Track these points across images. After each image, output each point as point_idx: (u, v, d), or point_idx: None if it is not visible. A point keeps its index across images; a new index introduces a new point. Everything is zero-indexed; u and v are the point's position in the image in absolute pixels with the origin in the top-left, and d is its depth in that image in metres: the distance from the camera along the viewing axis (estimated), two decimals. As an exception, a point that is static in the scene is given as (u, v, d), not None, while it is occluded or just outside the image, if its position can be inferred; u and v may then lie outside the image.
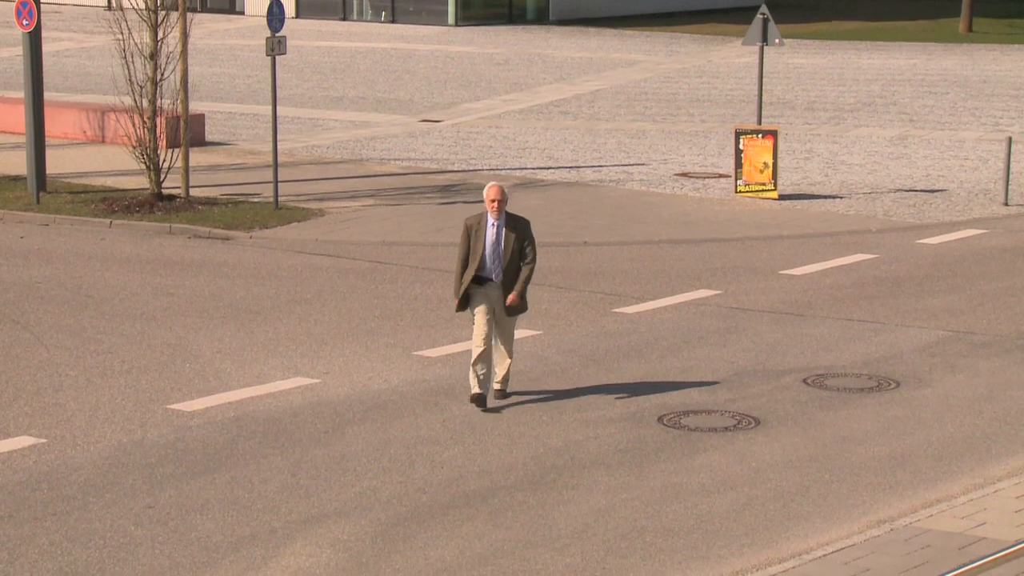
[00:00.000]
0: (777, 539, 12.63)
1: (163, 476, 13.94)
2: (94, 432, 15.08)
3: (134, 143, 25.72)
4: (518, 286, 15.50)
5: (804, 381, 16.71)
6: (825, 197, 26.76)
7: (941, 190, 27.47)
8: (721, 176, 28.44)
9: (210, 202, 25.84)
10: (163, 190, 25.74)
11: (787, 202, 26.34)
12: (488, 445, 14.71)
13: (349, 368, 17.15)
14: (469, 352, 18.06)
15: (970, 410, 15.82)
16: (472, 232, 15.57)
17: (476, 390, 15.55)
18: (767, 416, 15.58)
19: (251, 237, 23.82)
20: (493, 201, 15.55)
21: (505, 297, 15.50)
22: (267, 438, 14.92)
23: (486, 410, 15.55)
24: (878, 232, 24.28)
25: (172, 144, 26.17)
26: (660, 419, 15.47)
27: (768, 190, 26.55)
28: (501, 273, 15.49)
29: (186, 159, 25.87)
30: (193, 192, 26.06)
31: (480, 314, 15.55)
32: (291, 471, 14.06)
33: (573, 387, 16.49)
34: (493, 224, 15.56)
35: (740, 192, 26.73)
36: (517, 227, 15.67)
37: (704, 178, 28.48)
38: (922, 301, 20.06)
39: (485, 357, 15.53)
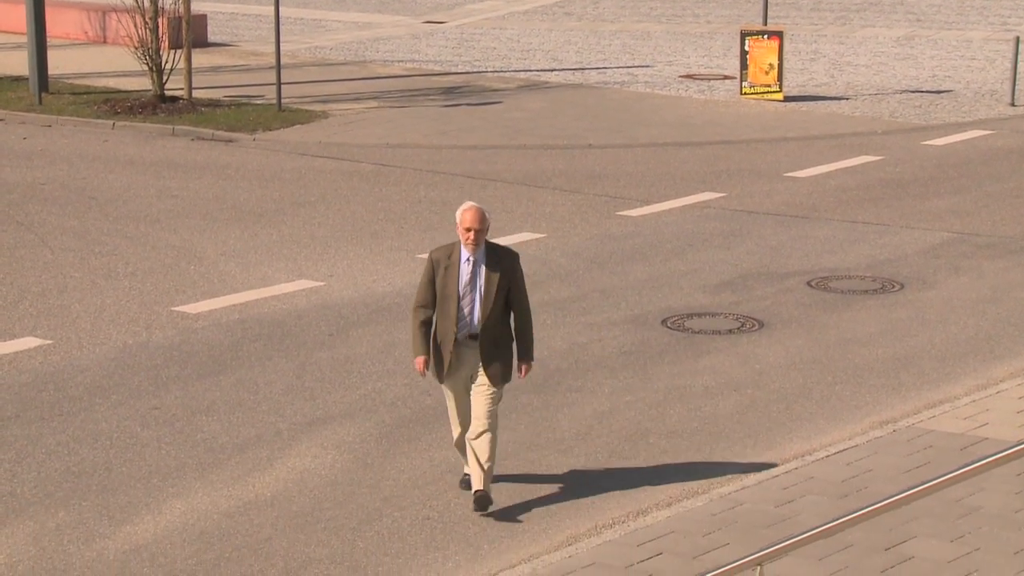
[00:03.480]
0: (780, 440, 12.68)
1: (168, 378, 14.00)
2: (99, 334, 15.12)
3: (136, 44, 25.57)
4: (526, 353, 11.35)
5: (808, 283, 16.71)
6: (830, 99, 26.63)
7: (947, 91, 27.34)
8: (726, 78, 28.29)
9: (213, 104, 25.73)
10: (166, 91, 25.63)
11: (792, 104, 26.21)
12: (492, 347, 14.73)
13: (353, 271, 17.16)
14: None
15: (974, 311, 15.84)
16: (439, 269, 11.26)
17: (479, 486, 11.32)
18: (771, 318, 15.60)
19: (254, 139, 23.75)
20: (469, 231, 11.11)
21: (484, 360, 11.20)
22: (272, 340, 14.95)
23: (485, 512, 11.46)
24: (883, 134, 24.19)
25: (174, 45, 26.03)
26: (664, 322, 15.49)
27: (773, 92, 26.42)
28: (478, 327, 11.19)
29: (188, 60, 25.73)
30: (196, 94, 25.95)
31: (456, 387, 11.43)
32: (296, 373, 14.11)
33: (577, 290, 16.50)
34: (468, 260, 11.19)
35: (745, 94, 26.60)
36: (502, 263, 11.21)
37: (709, 80, 28.33)
38: (927, 203, 20.02)
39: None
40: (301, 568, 10.60)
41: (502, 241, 18.17)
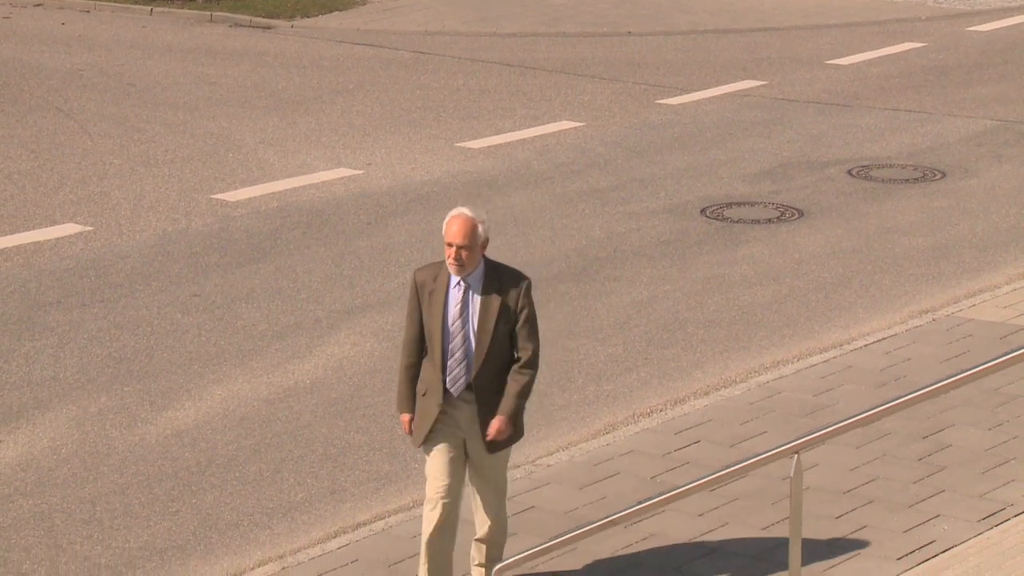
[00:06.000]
0: (819, 329, 12.68)
1: (208, 265, 14.06)
2: (139, 220, 15.18)
3: (173, -70, 25.43)
4: (505, 404, 8.39)
5: (849, 172, 16.62)
6: (874, -15, 26.31)
7: (993, -22, 26.95)
8: (768, -37, 27.96)
9: (251, -10, 25.60)
10: (203, -22, 25.51)
11: (835, -10, 25.91)
12: (531, 237, 14.74)
13: (392, 159, 17.14)
14: (513, 144, 18.06)
15: (1016, 200, 15.73)
16: (424, 296, 8.56)
17: None
18: (811, 207, 15.54)
19: (292, 26, 23.66)
20: (451, 246, 8.35)
21: (482, 422, 8.42)
22: (310, 228, 14.98)
23: None
24: (927, 20, 23.91)
25: (211, -69, 25.84)
26: (703, 211, 15.45)
27: (816, -22, 26.11)
28: (471, 376, 8.42)
29: (226, -54, 25.58)
30: (233, -20, 25.82)
31: (439, 453, 8.48)
32: (334, 261, 14.15)
33: (616, 179, 16.45)
34: (458, 286, 8.46)
35: (787, -20, 26.30)
36: (502, 289, 8.44)
37: (751, -35, 28.01)
38: (971, 90, 19.82)
39: (448, 525, 8.48)
40: (340, 454, 10.70)
41: (539, 132, 18.16)
